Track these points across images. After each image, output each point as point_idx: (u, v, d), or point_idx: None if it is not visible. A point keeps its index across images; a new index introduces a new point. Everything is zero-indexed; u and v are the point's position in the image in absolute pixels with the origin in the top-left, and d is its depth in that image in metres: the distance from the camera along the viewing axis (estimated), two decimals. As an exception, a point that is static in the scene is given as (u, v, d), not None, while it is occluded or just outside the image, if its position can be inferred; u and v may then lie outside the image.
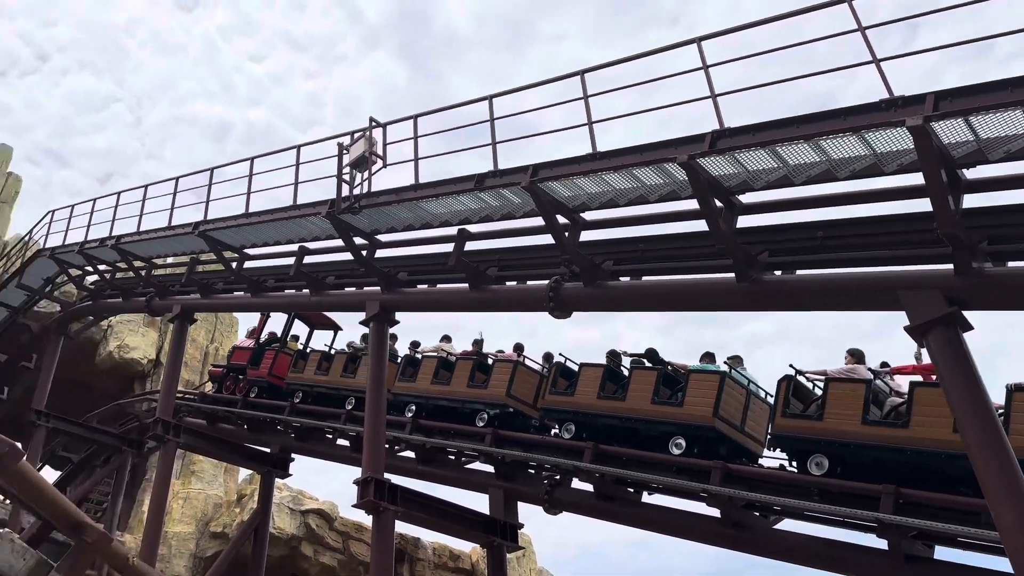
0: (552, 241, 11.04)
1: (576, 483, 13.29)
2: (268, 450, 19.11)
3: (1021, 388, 9.04)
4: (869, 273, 8.77)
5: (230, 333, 30.74)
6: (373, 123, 12.60)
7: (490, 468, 14.56)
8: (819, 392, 10.80)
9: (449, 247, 12.67)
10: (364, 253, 13.87)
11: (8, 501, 18.51)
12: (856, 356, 10.75)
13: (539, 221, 10.99)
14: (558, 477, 13.51)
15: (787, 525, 11.48)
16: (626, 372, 12.79)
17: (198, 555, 24.02)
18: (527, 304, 12.21)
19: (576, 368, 13.39)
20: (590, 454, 12.28)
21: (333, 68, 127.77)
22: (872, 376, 10.46)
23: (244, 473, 26.71)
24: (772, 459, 11.49)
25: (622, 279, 11.03)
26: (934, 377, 9.64)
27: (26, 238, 23.31)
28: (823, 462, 10.19)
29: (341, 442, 18.15)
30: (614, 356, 13.30)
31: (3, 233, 28.35)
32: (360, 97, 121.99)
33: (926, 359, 10.13)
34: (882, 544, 9.75)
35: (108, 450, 22.70)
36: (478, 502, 14.87)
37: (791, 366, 11.04)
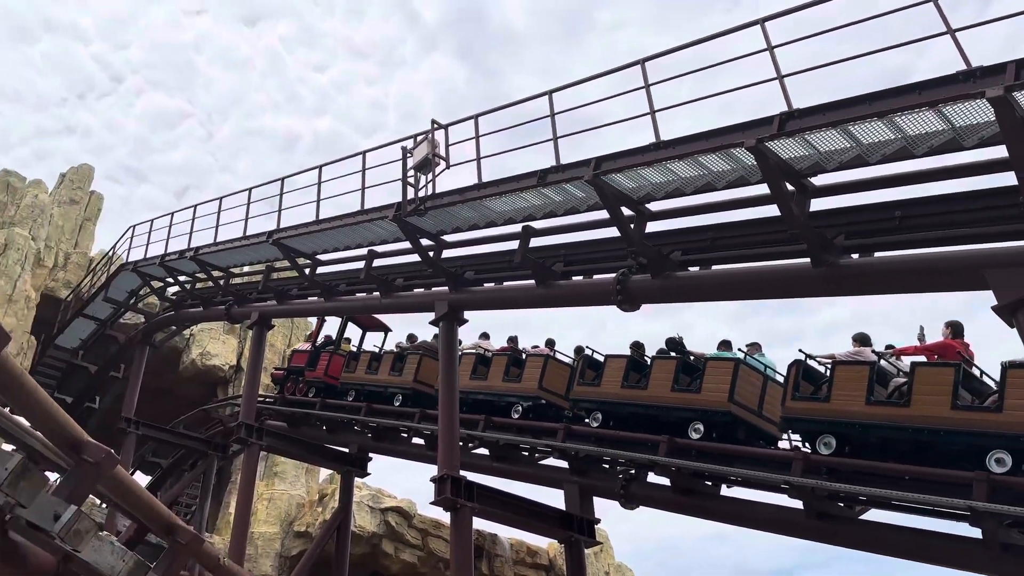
0: (618, 234, 10.95)
1: (652, 477, 13.14)
2: (347, 450, 19.54)
3: (1015, 365, 9.11)
4: (951, 252, 8.42)
5: (304, 334, 31.54)
6: (435, 125, 12.74)
7: (564, 464, 14.53)
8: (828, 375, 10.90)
9: (514, 244, 12.70)
10: (431, 254, 14.03)
11: (104, 505, 19.44)
12: (861, 340, 10.90)
13: (604, 214, 10.92)
14: (633, 471, 13.40)
15: (874, 515, 11.13)
16: (648, 362, 13.13)
17: (283, 554, 24.72)
18: (594, 298, 12.16)
19: (602, 360, 13.79)
20: (665, 447, 12.13)
21: (394, 73, 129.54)
22: (877, 358, 10.56)
23: (324, 473, 27.36)
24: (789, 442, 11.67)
25: (691, 269, 10.86)
26: (936, 357, 10.00)
27: (110, 253, 24.39)
28: (831, 442, 10.44)
29: (416, 440, 18.44)
30: (638, 347, 13.79)
31: (89, 249, 29.69)
32: (421, 100, 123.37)
33: (930, 340, 10.48)
34: (975, 533, 9.32)
35: (195, 454, 23.58)
36: (554, 498, 14.88)
37: (800, 350, 11.17)
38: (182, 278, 21.02)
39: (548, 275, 12.47)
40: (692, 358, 12.86)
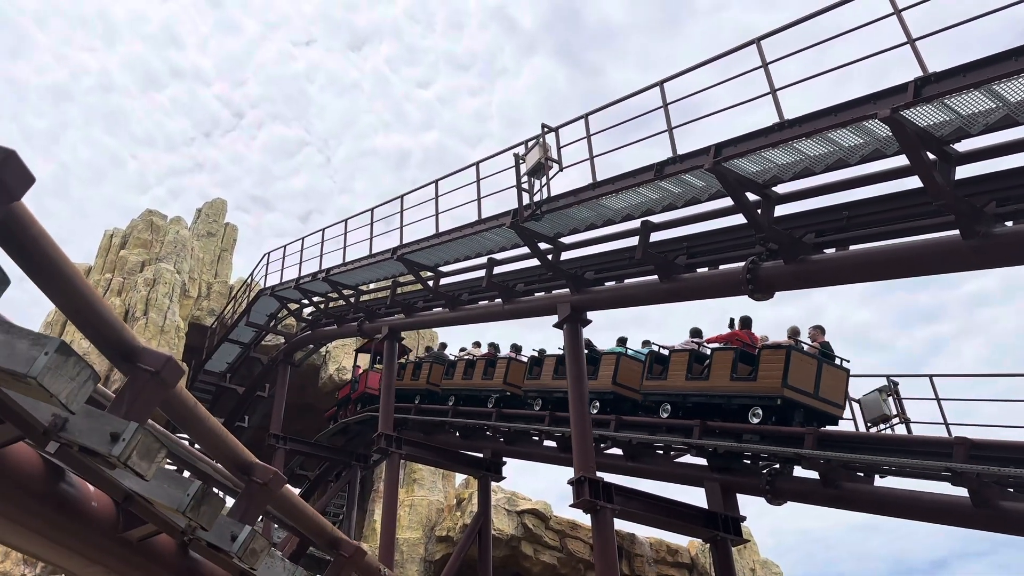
0: (744, 221, 10.59)
1: (798, 470, 12.61)
2: (481, 455, 19.87)
3: (767, 346, 13.21)
4: None
5: (432, 344, 32.31)
6: (545, 129, 12.75)
7: (703, 461, 14.19)
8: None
9: (634, 240, 12.52)
10: (550, 257, 14.04)
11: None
12: (693, 333, 15.12)
13: (727, 202, 10.58)
14: (777, 466, 12.91)
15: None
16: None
17: (427, 559, 25.40)
18: (723, 289, 11.78)
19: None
20: (812, 440, 11.62)
21: (495, 81, 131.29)
22: (696, 346, 14.55)
23: (460, 478, 27.94)
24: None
25: (827, 251, 10.34)
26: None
27: (248, 280, 25.86)
28: (668, 407, 14.42)
29: (548, 443, 18.53)
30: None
31: (228, 278, 31.61)
32: (523, 105, 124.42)
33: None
34: None
35: (339, 465, 24.62)
36: (694, 496, 14.56)
37: (647, 342, 16.19)
38: (316, 298, 22.04)
39: (671, 269, 12.21)
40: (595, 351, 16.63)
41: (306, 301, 22.57)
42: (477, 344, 21.85)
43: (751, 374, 13.13)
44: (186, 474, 5.06)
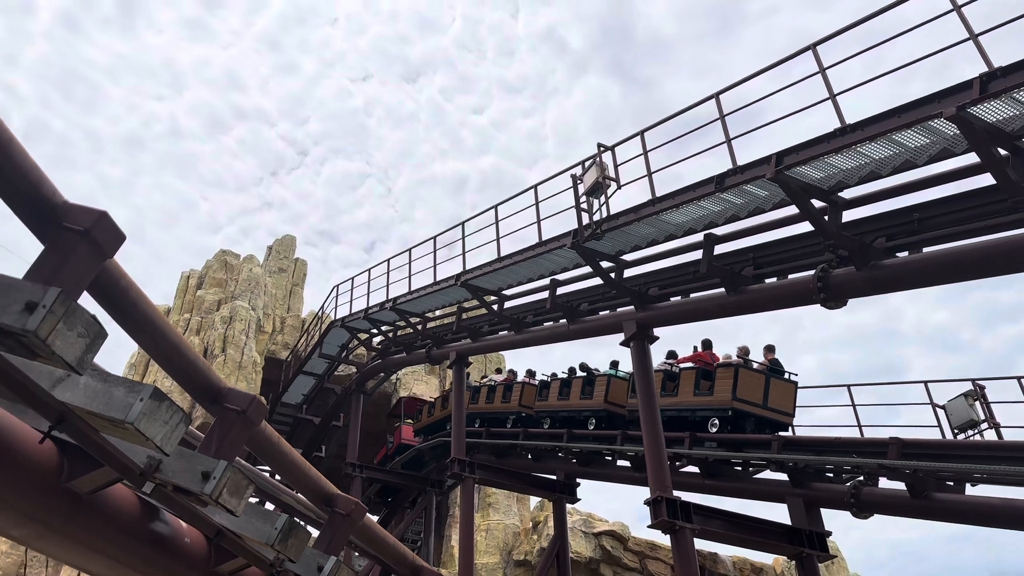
0: (811, 228, 10.37)
1: (884, 482, 12.20)
2: (554, 477, 19.79)
3: (721, 364, 15.43)
4: None
5: (498, 369, 32.48)
6: (601, 148, 12.78)
7: (783, 476, 13.85)
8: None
9: (698, 254, 12.40)
10: (612, 275, 14.00)
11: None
12: (668, 355, 17.45)
13: (792, 210, 10.40)
14: (862, 478, 12.51)
15: None
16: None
17: (507, 583, 25.34)
18: (792, 300, 11.55)
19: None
20: (896, 450, 11.24)
21: (548, 102, 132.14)
22: (668, 366, 16.81)
23: (534, 501, 27.86)
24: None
25: (899, 255, 10.04)
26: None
27: (319, 313, 26.50)
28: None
29: (621, 463, 18.36)
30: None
31: (300, 312, 32.46)
32: (577, 124, 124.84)
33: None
34: None
35: (414, 492, 24.85)
36: (777, 512, 14.20)
37: (615, 363, 19.15)
38: (384, 327, 22.44)
39: (738, 281, 12.03)
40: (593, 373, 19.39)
41: (375, 330, 22.99)
42: (499, 371, 25.27)
43: (709, 389, 15.30)
44: (269, 506, 5.22)
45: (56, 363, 2.36)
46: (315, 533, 4.66)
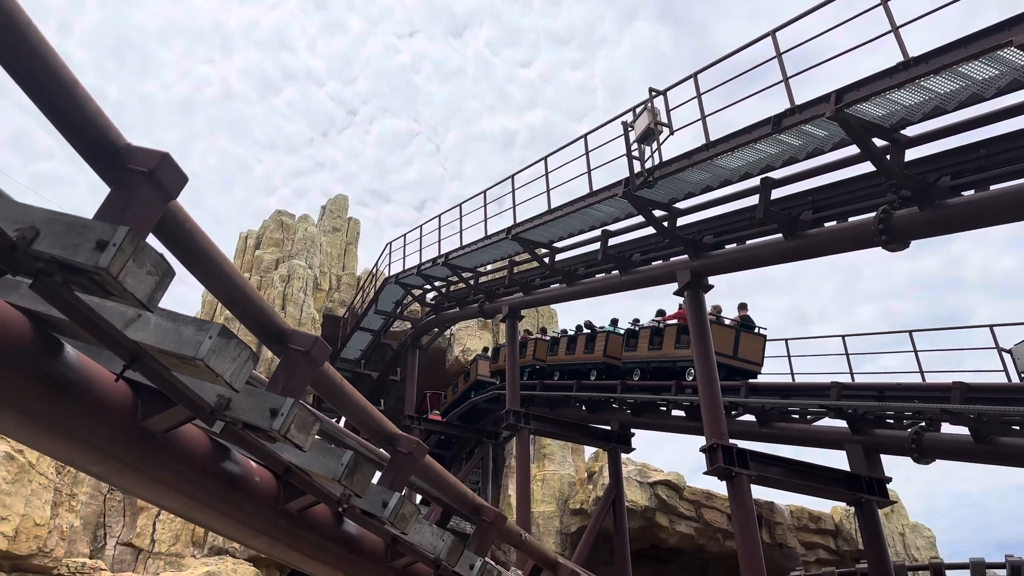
0: (872, 168, 10.06)
1: (947, 427, 11.96)
2: (609, 427, 19.93)
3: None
4: None
5: (551, 323, 32.57)
6: (653, 93, 12.52)
7: (842, 423, 13.68)
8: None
9: (754, 199, 12.14)
10: (665, 224, 13.82)
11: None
12: (657, 313, 19.84)
13: (853, 150, 10.07)
14: (923, 423, 12.28)
15: None
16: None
17: (563, 531, 25.77)
18: (852, 243, 11.25)
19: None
20: (959, 394, 10.98)
21: (596, 52, 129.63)
22: (656, 323, 19.20)
23: (589, 452, 28.12)
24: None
25: (964, 194, 9.67)
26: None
27: (373, 270, 26.87)
28: (638, 372, 19.16)
29: (676, 413, 18.38)
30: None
31: (355, 270, 32.95)
32: (627, 75, 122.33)
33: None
34: None
35: (471, 443, 25.33)
36: (834, 460, 14.07)
37: (615, 321, 21.84)
38: (437, 283, 22.68)
39: (796, 226, 11.76)
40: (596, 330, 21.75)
41: (428, 286, 23.25)
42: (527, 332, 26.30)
43: (687, 343, 16.99)
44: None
45: (128, 300, 2.45)
46: (378, 476, 4.79)
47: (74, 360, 3.01)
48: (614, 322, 21.86)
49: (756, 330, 17.81)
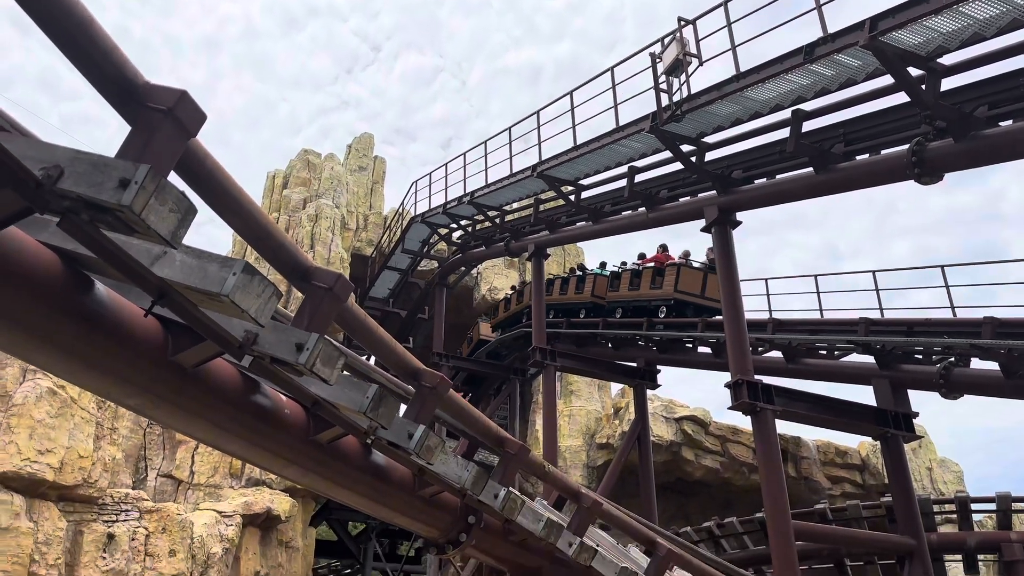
0: (907, 99, 9.76)
1: (977, 363, 11.86)
2: (635, 364, 20.08)
3: (671, 264, 19.59)
4: None
5: (578, 261, 32.54)
6: (682, 22, 12.18)
7: (869, 358, 13.63)
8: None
9: (784, 133, 11.88)
10: (693, 159, 13.60)
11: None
12: (639, 256, 21.59)
13: (887, 80, 9.77)
14: (953, 359, 12.19)
15: None
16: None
17: (590, 465, 26.25)
18: (885, 176, 11.01)
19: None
20: (990, 329, 10.86)
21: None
22: (636, 266, 20.73)
23: (615, 388, 28.40)
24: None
25: (1002, 124, 9.38)
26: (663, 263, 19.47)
27: (400, 209, 26.91)
28: (620, 311, 20.58)
29: (702, 349, 18.44)
30: (601, 265, 23.35)
31: (381, 209, 33.02)
32: (657, 3, 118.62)
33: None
34: None
35: (498, 380, 25.69)
36: (862, 396, 14.08)
37: (603, 264, 23.28)
38: (463, 222, 22.67)
39: (827, 159, 11.51)
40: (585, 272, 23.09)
41: (454, 225, 23.26)
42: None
43: (660, 284, 19.35)
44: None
45: (152, 237, 2.50)
46: (404, 410, 4.91)
47: (105, 297, 3.09)
48: (602, 265, 23.56)
49: None
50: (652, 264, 20.37)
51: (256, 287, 2.92)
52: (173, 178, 2.81)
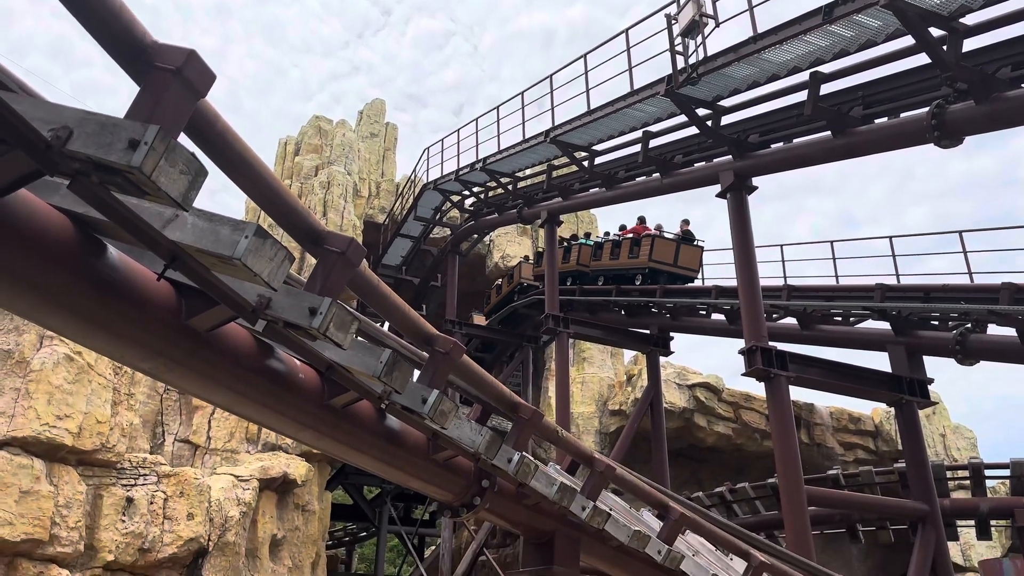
0: (927, 60, 9.56)
1: (993, 329, 11.76)
2: (648, 331, 20.08)
3: (647, 235, 21.36)
4: None
5: (591, 228, 32.36)
6: (698, -17, 11.94)
7: (885, 324, 13.54)
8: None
9: (802, 96, 11.69)
10: (709, 123, 13.43)
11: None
12: (620, 228, 23.21)
13: (907, 41, 9.56)
14: (969, 325, 12.10)
15: None
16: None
17: (602, 431, 26.38)
18: (904, 139, 10.84)
19: (601, 242, 23.30)
20: (1008, 295, 10.74)
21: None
22: (617, 237, 22.49)
23: (628, 356, 28.41)
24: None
25: (1026, 85, 9.18)
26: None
27: (412, 176, 26.81)
28: (602, 279, 22.07)
29: (716, 316, 18.37)
30: (586, 235, 25.47)
31: (393, 176, 32.89)
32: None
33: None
34: None
35: (511, 347, 25.77)
36: (876, 362, 14.01)
37: (588, 234, 25.94)
38: (476, 189, 22.59)
39: (846, 123, 11.33)
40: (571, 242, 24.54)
41: (467, 192, 23.17)
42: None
43: (637, 254, 20.89)
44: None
45: (162, 199, 2.47)
46: (417, 375, 4.91)
47: (117, 260, 3.08)
48: (587, 235, 25.59)
49: (695, 243, 21.34)
50: (631, 235, 21.95)
51: (268, 250, 2.89)
52: (183, 141, 2.78)
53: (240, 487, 15.30)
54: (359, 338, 4.10)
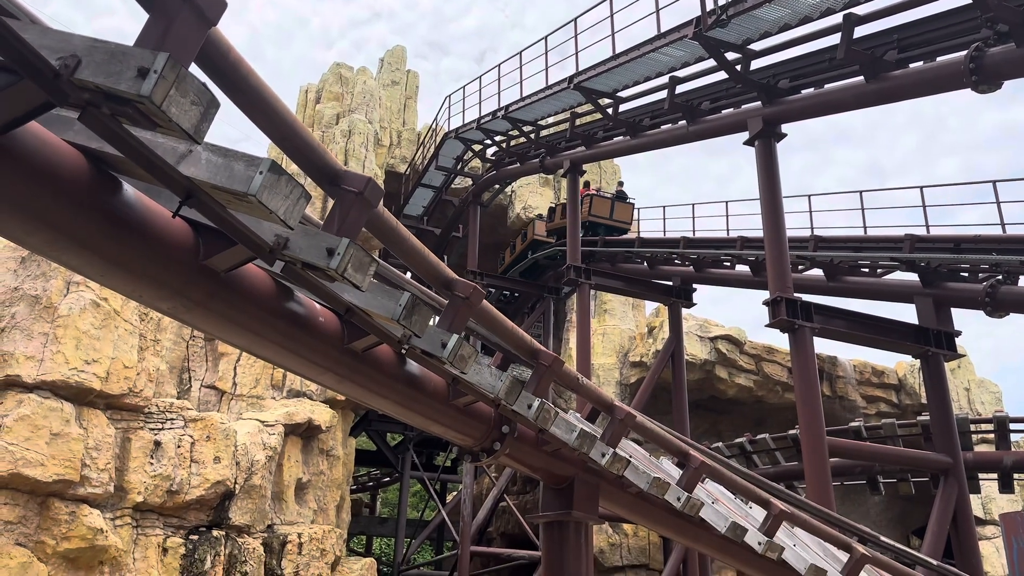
0: (967, 1, 9.16)
1: (1026, 281, 11.52)
2: (670, 283, 19.93)
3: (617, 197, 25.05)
4: None
5: (613, 179, 31.98)
6: (728, -79, 11.50)
7: (913, 276, 13.30)
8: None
9: (835, 39, 11.31)
10: (738, 68, 13.07)
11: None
12: (595, 190, 25.40)
13: (948, -21, 9.16)
14: (1000, 277, 11.84)
15: None
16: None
17: (623, 382, 26.44)
18: (940, 84, 10.48)
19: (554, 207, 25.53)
20: (1043, 246, 10.46)
21: None
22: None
23: (650, 308, 28.30)
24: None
25: (1073, 25, 8.78)
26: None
27: (433, 125, 26.52)
28: (555, 237, 24.48)
29: (740, 268, 18.17)
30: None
31: (415, 125, 32.58)
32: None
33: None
34: None
35: (532, 298, 25.76)
36: (903, 314, 13.82)
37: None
38: (498, 138, 22.29)
39: (879, 67, 10.97)
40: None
41: (489, 141, 22.89)
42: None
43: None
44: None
45: (174, 131, 2.41)
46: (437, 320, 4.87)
47: (133, 197, 3.03)
48: (595, 188, 26.98)
49: (627, 200, 24.72)
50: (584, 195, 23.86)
51: (284, 187, 2.83)
52: (195, 72, 2.70)
53: (266, 432, 15.57)
54: (377, 282, 4.05)
